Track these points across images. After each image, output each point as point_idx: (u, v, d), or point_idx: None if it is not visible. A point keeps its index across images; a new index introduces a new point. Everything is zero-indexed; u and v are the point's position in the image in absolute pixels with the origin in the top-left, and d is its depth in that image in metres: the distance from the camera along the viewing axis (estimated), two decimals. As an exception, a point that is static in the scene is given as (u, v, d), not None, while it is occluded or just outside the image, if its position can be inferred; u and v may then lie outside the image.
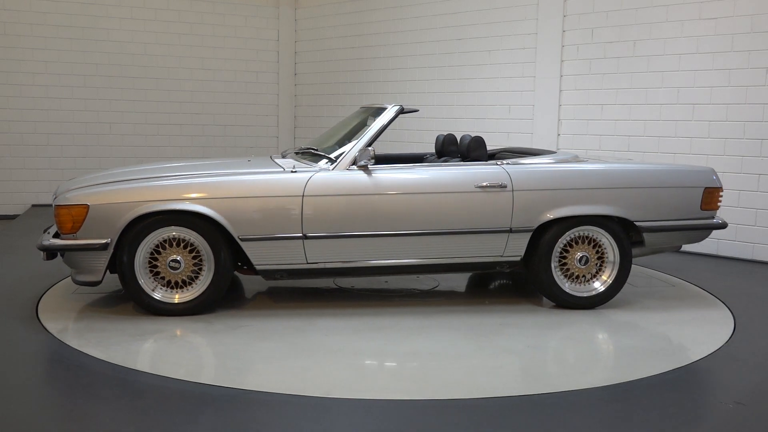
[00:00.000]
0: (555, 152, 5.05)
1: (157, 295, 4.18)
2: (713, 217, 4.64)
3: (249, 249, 4.17)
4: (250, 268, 4.34)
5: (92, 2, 8.78)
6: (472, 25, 7.84)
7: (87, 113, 8.90)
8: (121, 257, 4.08)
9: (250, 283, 5.01)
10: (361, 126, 4.65)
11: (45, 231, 4.46)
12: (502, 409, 2.96)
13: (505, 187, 4.33)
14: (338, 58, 9.36)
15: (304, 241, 4.20)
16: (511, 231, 4.35)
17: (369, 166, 4.29)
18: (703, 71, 6.22)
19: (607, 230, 4.44)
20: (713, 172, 4.68)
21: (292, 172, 4.29)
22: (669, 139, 6.46)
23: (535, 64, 7.33)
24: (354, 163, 4.29)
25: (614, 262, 4.48)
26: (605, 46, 6.80)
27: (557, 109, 7.17)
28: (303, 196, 4.17)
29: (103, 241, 4.02)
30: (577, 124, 7.07)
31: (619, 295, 4.54)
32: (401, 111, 4.52)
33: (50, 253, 4.17)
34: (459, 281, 5.15)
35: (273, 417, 2.86)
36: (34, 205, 8.69)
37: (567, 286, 4.46)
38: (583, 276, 4.49)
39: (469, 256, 4.40)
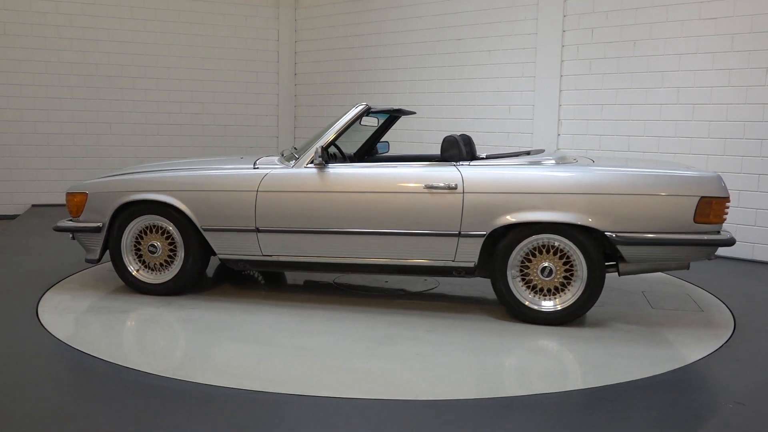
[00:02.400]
0: (541, 152, 4.74)
1: (137, 275, 4.65)
2: (717, 232, 3.95)
3: (211, 239, 4.49)
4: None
5: (92, 2, 8.78)
6: (472, 25, 7.84)
7: (87, 113, 8.90)
8: (110, 239, 4.61)
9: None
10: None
11: None
12: (501, 409, 2.96)
13: (455, 188, 4.09)
14: (338, 58, 9.36)
15: (258, 234, 4.41)
16: (460, 235, 4.10)
17: (326, 164, 4.34)
18: (703, 71, 6.22)
19: (572, 240, 3.98)
20: (718, 179, 3.96)
21: (254, 168, 4.52)
22: (669, 139, 6.46)
23: (535, 64, 7.33)
24: (312, 161, 4.37)
25: (582, 277, 4.01)
26: (605, 46, 6.80)
27: (557, 109, 7.17)
28: (257, 191, 4.39)
29: (98, 224, 4.62)
30: (577, 124, 7.07)
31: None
32: (367, 110, 4.47)
33: (72, 233, 4.76)
34: (468, 285, 5.06)
35: (273, 417, 2.86)
36: (34, 205, 8.69)
37: (527, 298, 4.10)
38: (548, 289, 4.08)
39: (419, 259, 4.22)
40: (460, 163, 4.23)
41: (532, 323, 4.08)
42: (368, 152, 5.53)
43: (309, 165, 4.39)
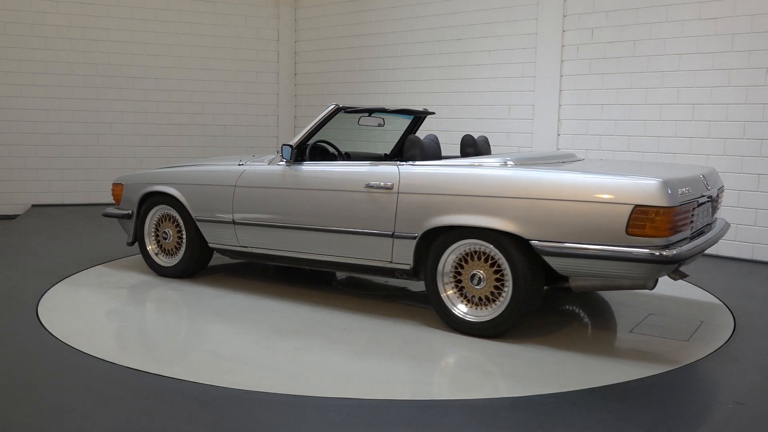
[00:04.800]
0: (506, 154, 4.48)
1: (155, 258, 5.22)
2: (663, 246, 3.33)
3: (202, 228, 4.92)
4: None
5: (92, 2, 8.79)
6: (472, 25, 7.84)
7: (87, 113, 8.91)
8: (137, 225, 5.24)
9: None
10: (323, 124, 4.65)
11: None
12: (500, 408, 2.96)
13: (391, 188, 4.03)
14: (338, 58, 9.36)
15: (234, 226, 4.74)
16: (394, 236, 4.01)
17: (292, 162, 4.50)
18: (703, 71, 6.22)
19: (497, 247, 3.69)
20: (660, 186, 3.33)
21: (239, 165, 4.82)
22: (669, 139, 6.46)
23: (535, 64, 7.33)
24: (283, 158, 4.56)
25: (509, 288, 3.70)
26: (605, 46, 6.80)
27: (557, 109, 7.17)
28: (235, 186, 4.71)
29: (129, 212, 5.28)
30: (577, 124, 7.08)
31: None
32: (338, 109, 4.51)
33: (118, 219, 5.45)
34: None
35: (273, 417, 2.86)
36: (34, 205, 8.69)
37: (456, 306, 3.90)
38: (479, 298, 3.83)
39: (360, 258, 4.21)
40: (402, 162, 4.13)
41: (461, 333, 3.88)
42: (399, 153, 5.60)
43: (280, 163, 4.57)
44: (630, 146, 6.70)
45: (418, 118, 5.52)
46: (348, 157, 5.15)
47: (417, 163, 4.10)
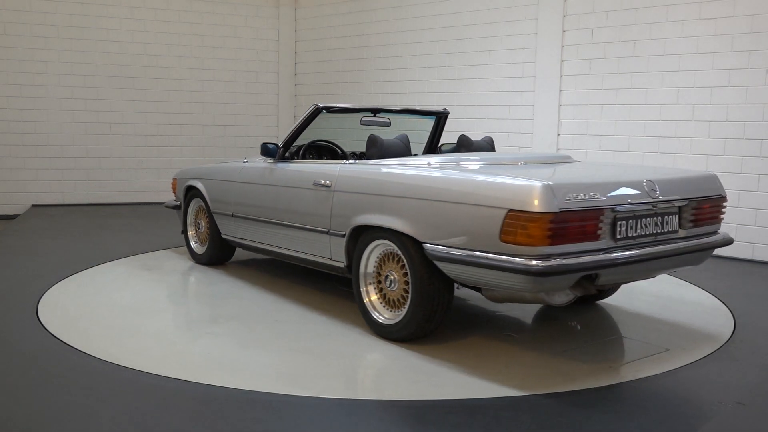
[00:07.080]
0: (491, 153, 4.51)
1: (193, 246, 5.74)
2: (542, 256, 2.99)
3: (216, 219, 5.35)
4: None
5: (92, 2, 8.79)
6: (472, 25, 7.85)
7: (87, 113, 8.91)
8: (184, 216, 5.79)
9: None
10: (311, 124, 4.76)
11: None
12: (500, 408, 2.96)
13: (330, 186, 4.08)
14: (338, 58, 9.36)
15: (233, 218, 5.11)
16: (329, 233, 4.07)
17: (282, 160, 4.72)
18: (703, 71, 6.22)
19: (400, 248, 3.59)
20: (538, 191, 3.00)
21: (244, 162, 5.16)
22: (669, 139, 6.46)
23: (535, 64, 7.33)
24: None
25: (411, 290, 3.56)
26: (605, 46, 6.81)
27: (557, 109, 7.17)
28: (235, 182, 5.09)
29: (179, 203, 5.89)
30: (577, 124, 7.08)
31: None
32: (318, 109, 4.57)
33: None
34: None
35: (273, 417, 2.86)
36: (34, 205, 8.69)
37: (375, 306, 3.83)
38: (393, 300, 3.74)
39: (308, 253, 4.34)
40: (345, 161, 4.18)
41: (378, 334, 3.80)
42: (430, 152, 5.56)
43: (268, 161, 4.80)
44: (630, 146, 6.70)
45: (440, 118, 5.51)
46: (364, 156, 5.16)
47: (359, 162, 4.12)
